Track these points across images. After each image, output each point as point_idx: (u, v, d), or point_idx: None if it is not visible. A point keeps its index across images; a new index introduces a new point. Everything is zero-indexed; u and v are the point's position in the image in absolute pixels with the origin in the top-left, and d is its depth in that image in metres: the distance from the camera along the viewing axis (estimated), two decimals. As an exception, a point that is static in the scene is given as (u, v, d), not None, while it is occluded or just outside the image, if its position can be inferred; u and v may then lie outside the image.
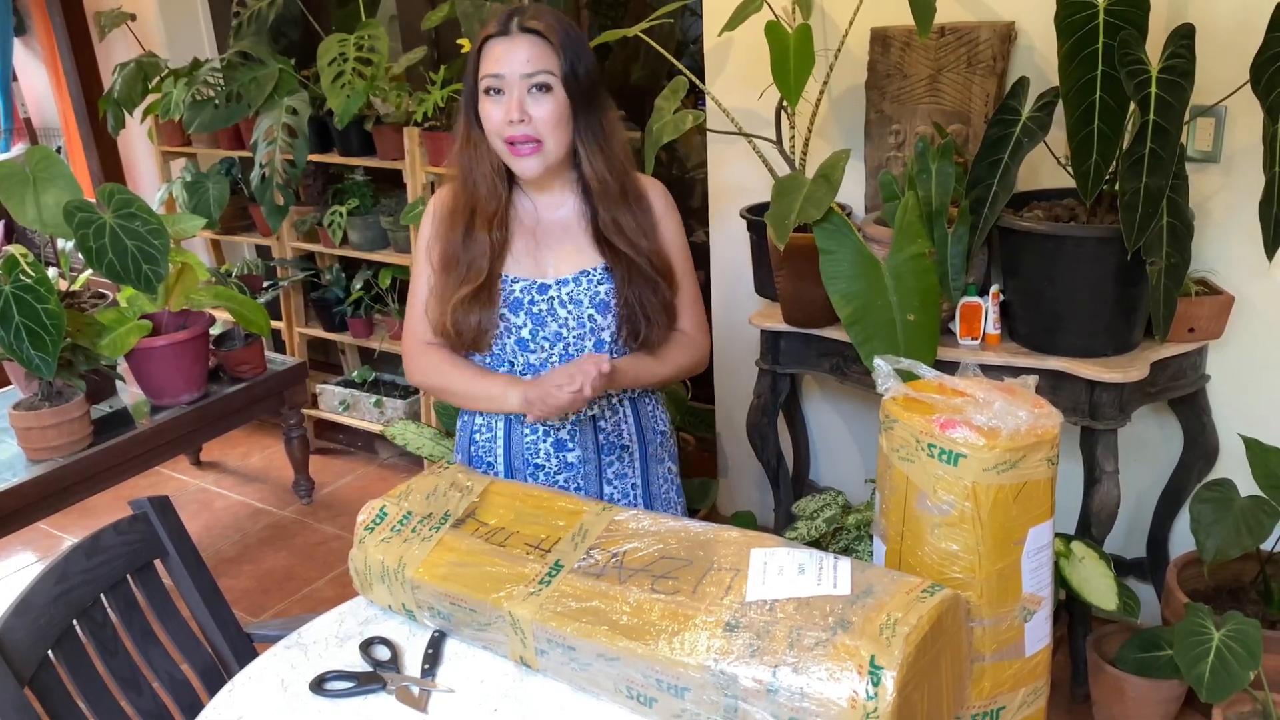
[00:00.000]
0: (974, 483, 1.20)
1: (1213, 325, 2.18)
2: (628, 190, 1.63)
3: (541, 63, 1.52)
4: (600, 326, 1.62)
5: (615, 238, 1.61)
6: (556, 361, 1.62)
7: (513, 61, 1.51)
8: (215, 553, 3.31)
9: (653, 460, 1.77)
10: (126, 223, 2.52)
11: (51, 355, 2.42)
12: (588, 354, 1.59)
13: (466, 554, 1.36)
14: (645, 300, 1.62)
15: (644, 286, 1.62)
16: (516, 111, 1.51)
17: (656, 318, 1.63)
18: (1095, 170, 1.90)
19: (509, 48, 1.52)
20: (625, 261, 1.62)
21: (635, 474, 1.75)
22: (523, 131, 1.52)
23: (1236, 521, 2.07)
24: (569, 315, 1.62)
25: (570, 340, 1.62)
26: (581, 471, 1.70)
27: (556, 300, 1.62)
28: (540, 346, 1.62)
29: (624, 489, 1.74)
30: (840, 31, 2.33)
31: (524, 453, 1.69)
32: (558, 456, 1.68)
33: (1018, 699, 1.30)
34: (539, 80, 1.52)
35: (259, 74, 3.15)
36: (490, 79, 1.53)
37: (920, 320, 2.04)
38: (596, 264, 1.63)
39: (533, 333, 1.62)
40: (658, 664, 1.16)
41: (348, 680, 1.31)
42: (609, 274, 1.63)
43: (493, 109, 1.54)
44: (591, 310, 1.62)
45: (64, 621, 1.44)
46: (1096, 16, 1.84)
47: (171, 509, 1.64)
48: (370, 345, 3.70)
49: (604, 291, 1.62)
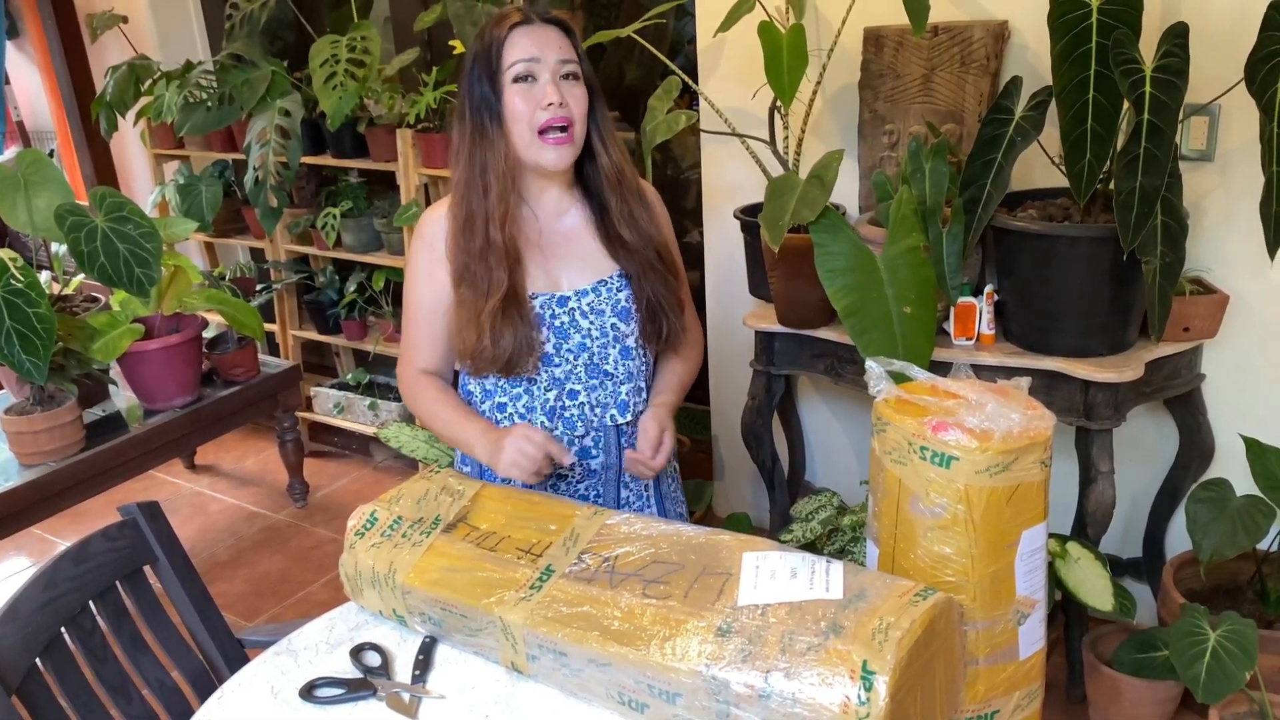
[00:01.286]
0: (966, 485, 1.19)
1: (1208, 324, 2.18)
2: (635, 182, 1.64)
3: (570, 52, 1.53)
4: (624, 333, 1.62)
5: (629, 231, 1.61)
6: (582, 372, 1.61)
7: (546, 48, 1.51)
8: (209, 556, 3.30)
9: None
10: (119, 226, 2.51)
11: (43, 359, 2.41)
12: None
13: (457, 559, 1.35)
14: (661, 296, 1.62)
15: (657, 283, 1.62)
16: (556, 95, 1.50)
17: (673, 312, 1.64)
18: (1089, 170, 1.89)
19: (540, 35, 1.51)
20: (638, 260, 1.61)
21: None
22: (561, 114, 1.50)
23: (1232, 521, 2.06)
24: (591, 325, 1.60)
25: (595, 350, 1.61)
26: (603, 478, 1.68)
27: (578, 311, 1.60)
28: (565, 359, 1.60)
29: (638, 491, 1.74)
30: (833, 31, 2.32)
31: (549, 479, 1.66)
32: (582, 464, 1.67)
33: (1012, 703, 1.29)
34: (569, 69, 1.52)
35: (251, 76, 3.14)
36: (523, 64, 1.50)
37: (917, 313, 2.03)
38: (612, 271, 1.62)
39: (556, 346, 1.59)
40: (649, 669, 1.15)
41: (338, 687, 1.31)
42: (625, 280, 1.62)
43: (523, 97, 1.51)
44: (614, 319, 1.61)
45: (52, 629, 1.43)
46: (1090, 16, 1.84)
47: (161, 515, 1.63)
48: (364, 347, 3.69)
49: (624, 299, 1.62)
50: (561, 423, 1.63)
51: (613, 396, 1.64)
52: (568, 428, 1.63)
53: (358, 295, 3.63)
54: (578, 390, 1.62)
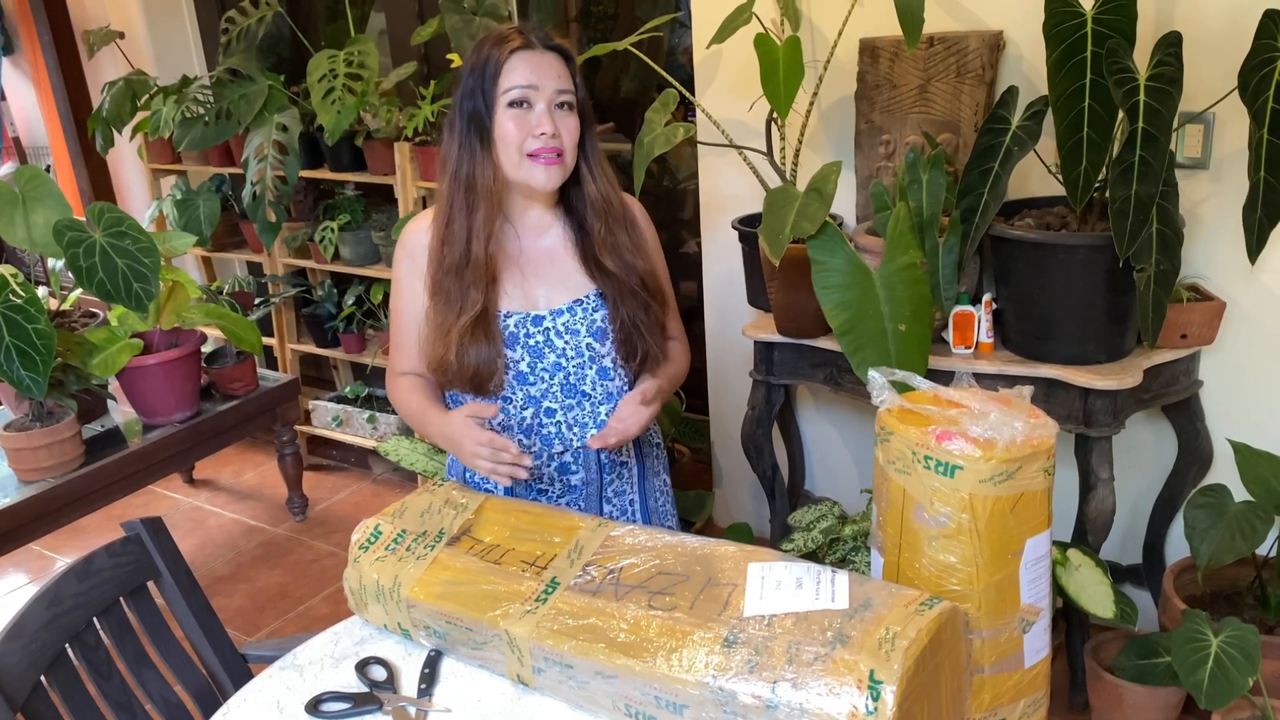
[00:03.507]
0: (971, 494, 1.20)
1: (1205, 331, 2.19)
2: (621, 210, 1.65)
3: (567, 82, 1.54)
4: (600, 354, 1.62)
5: (610, 258, 1.61)
6: (558, 392, 1.61)
7: (545, 76, 1.52)
8: (209, 571, 3.29)
9: (649, 474, 1.77)
10: (117, 241, 2.51)
11: (42, 375, 2.40)
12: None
13: (462, 572, 1.35)
14: (638, 320, 1.62)
15: (636, 307, 1.62)
16: (550, 125, 1.51)
17: (651, 336, 1.64)
18: (1085, 178, 1.90)
19: (540, 63, 1.53)
20: (615, 283, 1.62)
21: (633, 489, 1.74)
22: (553, 144, 1.53)
23: (1231, 527, 2.07)
24: (566, 345, 1.61)
25: (570, 370, 1.61)
26: (584, 494, 1.69)
27: (552, 331, 1.61)
28: (540, 378, 1.61)
29: (622, 505, 1.73)
30: (829, 43, 2.34)
31: (527, 488, 1.67)
32: (561, 480, 1.67)
33: (1018, 710, 1.30)
34: (566, 99, 1.54)
35: (248, 91, 3.15)
36: (520, 90, 1.52)
37: (911, 330, 2.04)
38: (589, 290, 1.63)
39: (531, 365, 1.60)
40: (656, 681, 1.15)
41: (344, 701, 1.30)
42: (602, 300, 1.62)
43: (516, 122, 1.52)
44: (589, 339, 1.62)
45: (56, 646, 1.43)
46: (1085, 25, 1.85)
47: (164, 530, 1.63)
48: (363, 360, 3.69)
49: (600, 319, 1.62)
50: (539, 440, 1.64)
51: (591, 416, 1.64)
52: (545, 445, 1.64)
53: (356, 308, 3.63)
54: (554, 409, 1.62)
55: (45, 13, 4.12)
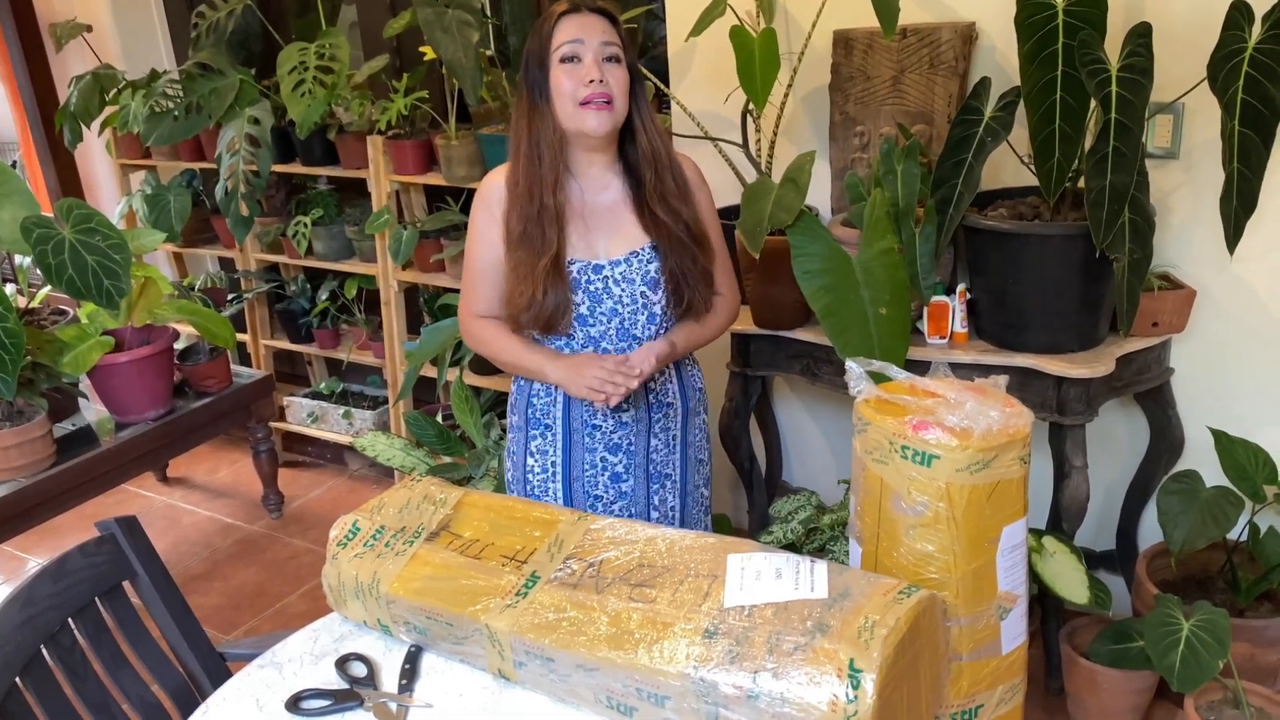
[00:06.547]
0: (947, 483, 1.21)
1: (1176, 319, 2.21)
2: (670, 160, 1.80)
3: (613, 36, 1.70)
4: (652, 301, 1.79)
5: (660, 205, 1.76)
6: (614, 334, 1.79)
7: (591, 32, 1.68)
8: (184, 569, 3.26)
9: (691, 414, 1.96)
10: (86, 238, 2.47)
11: (11, 374, 2.37)
12: (624, 359, 1.74)
13: (441, 567, 1.35)
14: (686, 269, 1.78)
15: (684, 256, 1.78)
16: (596, 71, 1.67)
17: (698, 284, 1.80)
18: (1058, 169, 1.92)
19: (585, 22, 1.69)
20: (667, 233, 1.77)
21: (677, 426, 1.93)
22: (601, 90, 1.67)
23: (1202, 512, 2.10)
24: (623, 293, 1.78)
25: (625, 315, 1.79)
26: (634, 429, 1.87)
27: (611, 279, 1.77)
28: (599, 321, 1.79)
29: (667, 440, 1.91)
30: (803, 34, 2.34)
31: (583, 424, 1.85)
32: (614, 417, 1.85)
33: (995, 696, 1.31)
34: (611, 52, 1.69)
35: (219, 85, 3.11)
36: (569, 45, 1.67)
37: (892, 314, 2.05)
38: (644, 243, 1.79)
39: (590, 309, 1.78)
40: (637, 673, 1.15)
41: (324, 698, 1.30)
42: (655, 252, 1.78)
43: (568, 74, 1.67)
44: (644, 287, 1.78)
45: (31, 647, 1.41)
46: (1056, 17, 1.87)
47: (140, 529, 1.61)
48: (338, 356, 3.67)
49: (653, 270, 1.79)
50: None
51: None
52: None
53: (330, 304, 3.61)
54: (609, 349, 1.80)
55: (10, 5, 4.05)
